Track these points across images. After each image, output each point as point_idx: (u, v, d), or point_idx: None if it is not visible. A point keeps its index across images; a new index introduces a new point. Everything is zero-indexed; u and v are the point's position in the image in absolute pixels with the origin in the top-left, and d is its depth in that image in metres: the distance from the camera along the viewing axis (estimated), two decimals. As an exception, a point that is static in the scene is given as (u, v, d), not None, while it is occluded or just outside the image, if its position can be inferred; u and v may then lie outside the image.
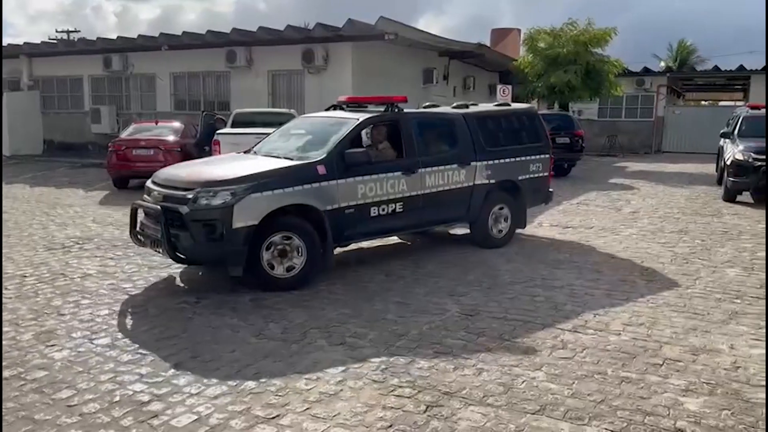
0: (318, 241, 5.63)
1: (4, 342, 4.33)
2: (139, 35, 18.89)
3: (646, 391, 3.64)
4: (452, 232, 8.14)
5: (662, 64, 32.28)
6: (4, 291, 5.51)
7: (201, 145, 12.42)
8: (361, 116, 6.43)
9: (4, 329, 4.56)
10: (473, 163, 6.95)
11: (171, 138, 12.84)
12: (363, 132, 6.57)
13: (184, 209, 5.28)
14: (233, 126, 12.28)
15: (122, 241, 7.65)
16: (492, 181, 7.12)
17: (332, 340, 4.38)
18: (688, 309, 5.12)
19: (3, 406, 3.43)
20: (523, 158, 7.47)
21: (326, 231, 5.71)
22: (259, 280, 5.48)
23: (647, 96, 25.33)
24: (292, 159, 6.00)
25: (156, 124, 13.84)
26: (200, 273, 6.15)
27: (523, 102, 12.98)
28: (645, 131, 25.43)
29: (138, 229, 5.86)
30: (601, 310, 5.05)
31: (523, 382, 3.74)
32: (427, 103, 8.06)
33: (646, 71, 25.75)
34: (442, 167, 6.66)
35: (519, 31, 26.87)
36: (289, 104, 16.56)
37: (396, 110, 6.65)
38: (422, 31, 17.72)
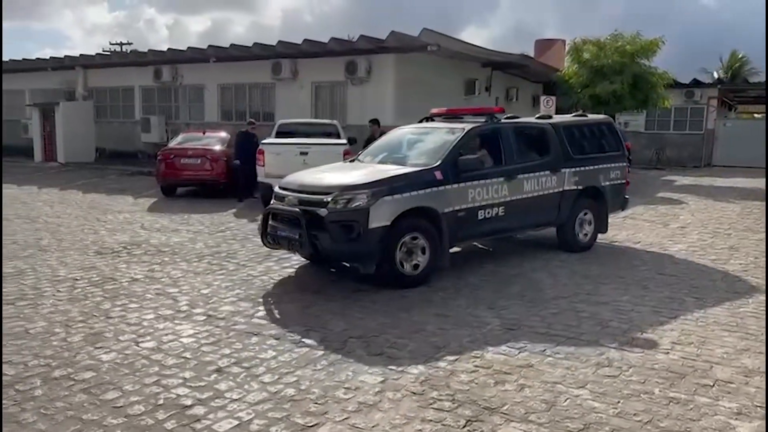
0: (438, 242, 6.07)
1: (55, 343, 4.48)
2: (189, 47, 19.41)
3: (695, 413, 3.50)
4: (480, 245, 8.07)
5: (715, 74, 31.32)
6: (57, 293, 5.72)
7: (236, 157, 12.41)
8: (468, 126, 6.91)
9: (56, 330, 4.73)
10: (563, 170, 7.43)
11: (217, 148, 13.14)
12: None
13: (323, 212, 5.74)
14: (277, 136, 12.47)
15: (169, 247, 7.85)
16: (579, 187, 7.60)
17: (371, 350, 4.38)
18: (740, 328, 4.92)
19: (53, 406, 3.54)
20: (604, 165, 7.92)
21: (443, 232, 6.12)
22: (390, 277, 5.90)
23: (697, 108, 24.59)
24: (405, 165, 6.46)
25: (203, 134, 14.18)
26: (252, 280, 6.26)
27: (566, 113, 12.80)
28: (694, 144, 24.68)
29: (269, 232, 6.23)
30: (649, 327, 4.91)
31: (566, 400, 3.65)
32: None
33: (696, 83, 25.00)
34: (536, 173, 7.14)
35: (563, 42, 26.53)
36: (332, 115, 16.73)
37: (495, 120, 7.13)
38: (465, 42, 17.68)
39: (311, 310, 5.30)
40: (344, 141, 11.86)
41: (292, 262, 7.05)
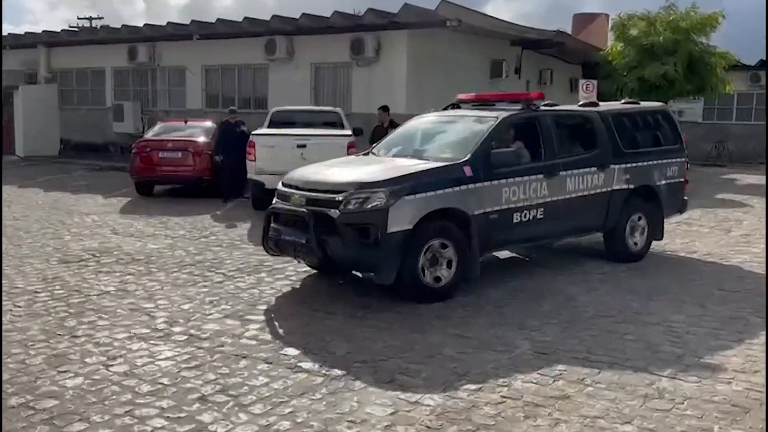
0: (467, 249, 6.13)
1: (12, 366, 4.51)
2: (168, 23, 19.58)
3: (763, 455, 3.47)
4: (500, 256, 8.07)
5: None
6: (14, 308, 5.76)
7: (217, 151, 12.49)
8: (501, 114, 6.91)
9: (14, 351, 4.76)
10: (612, 166, 7.42)
11: (201, 139, 13.21)
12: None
13: (334, 213, 5.78)
14: (271, 126, 12.52)
15: (144, 254, 7.89)
16: (630, 186, 7.59)
17: (379, 377, 4.38)
18: (816, 355, 4.87)
19: (10, 438, 3.57)
20: (660, 161, 7.92)
21: (473, 237, 6.17)
22: (411, 289, 5.93)
23: (764, 94, 24.44)
24: (428, 160, 6.51)
25: (185, 123, 14.27)
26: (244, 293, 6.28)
27: (609, 100, 12.78)
28: (760, 137, 24.48)
29: (271, 236, 6.30)
30: (707, 352, 4.88)
31: (608, 437, 3.63)
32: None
33: (763, 65, 24.85)
34: (581, 170, 7.15)
35: (607, 16, 26.46)
36: (335, 101, 16.77)
37: (533, 108, 7.12)
38: (490, 16, 17.73)
39: (310, 329, 5.31)
40: (348, 132, 11.89)
41: (287, 273, 7.07)
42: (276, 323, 5.50)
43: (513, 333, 5.27)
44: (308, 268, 7.07)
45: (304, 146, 10.93)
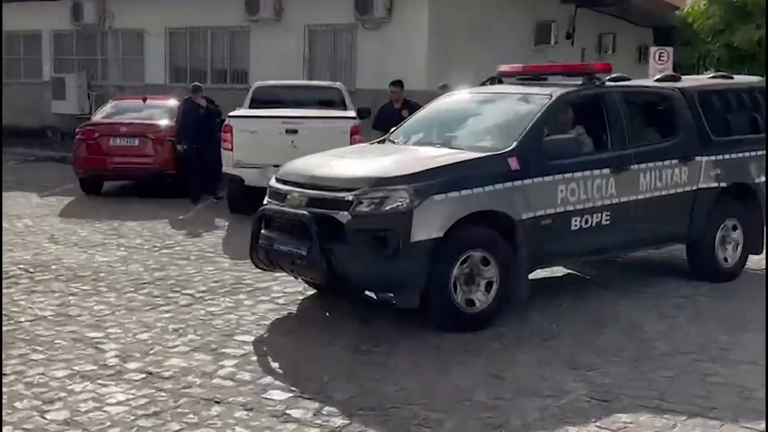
0: (512, 262, 6.16)
1: None
2: (123, -27, 19.69)
3: None
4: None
5: None
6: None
7: (179, 137, 12.51)
8: (556, 91, 6.93)
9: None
10: (698, 159, 7.41)
11: (165, 122, 13.26)
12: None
13: (343, 216, 5.79)
14: (252, 105, 12.56)
15: (91, 269, 7.93)
16: (721, 184, 7.57)
17: (391, 428, 4.36)
18: None
19: None
20: (760, 152, 7.87)
21: (520, 248, 6.18)
22: (442, 315, 5.95)
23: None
24: (462, 149, 6.57)
25: (144, 102, 14.34)
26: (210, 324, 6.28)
27: (689, 73, 12.73)
28: None
29: (261, 245, 6.34)
30: (816, 400, 4.82)
31: None
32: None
33: None
34: (658, 163, 7.15)
35: (685, -35, 26.38)
36: (335, 73, 16.82)
37: (597, 83, 7.13)
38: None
39: (302, 367, 5.30)
40: (352, 113, 11.92)
41: (272, 294, 7.08)
42: (258, 358, 5.48)
43: (564, 373, 5.24)
44: (301, 288, 7.07)
45: (294, 132, 10.95)
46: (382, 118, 11.66)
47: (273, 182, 6.67)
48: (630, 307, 6.85)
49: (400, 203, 5.76)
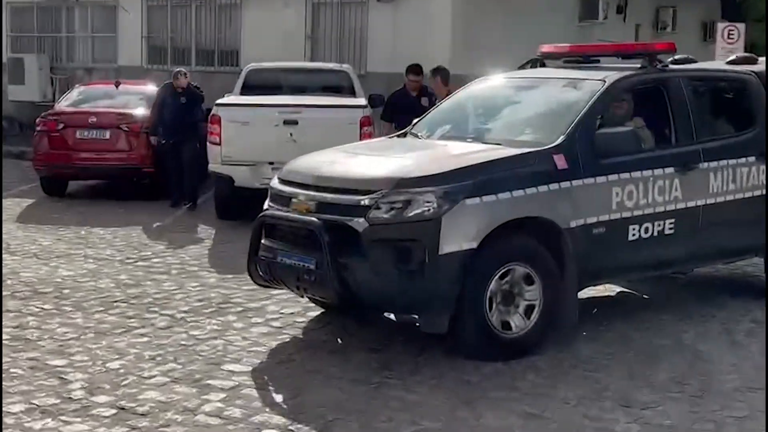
0: (559, 279, 6.18)
1: None
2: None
3: None
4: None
5: None
6: None
7: (155, 129, 12.54)
8: (610, 75, 6.93)
9: None
10: None
11: (141, 112, 13.30)
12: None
13: (359, 223, 5.80)
14: (245, 92, 12.57)
15: (53, 285, 7.96)
16: None
17: (408, 478, 4.35)
18: None
19: None
20: None
21: (568, 261, 6.19)
22: (476, 341, 5.94)
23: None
24: (497, 144, 6.62)
25: (117, 87, 14.39)
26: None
27: (762, 53, 12.65)
28: None
29: (262, 257, 6.35)
30: None
31: None
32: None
33: None
34: (732, 161, 7.16)
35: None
36: (342, 53, 16.84)
37: (659, 66, 7.17)
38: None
39: (301, 401, 5.29)
40: (362, 101, 11.91)
41: (266, 314, 7.09)
42: (250, 392, 5.46)
43: (614, 411, 5.21)
44: (300, 308, 7.08)
45: (294, 123, 10.98)
46: (394, 106, 11.58)
47: (275, 183, 6.69)
48: (693, 333, 6.82)
49: (425, 208, 5.77)
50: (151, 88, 13.98)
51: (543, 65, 8.00)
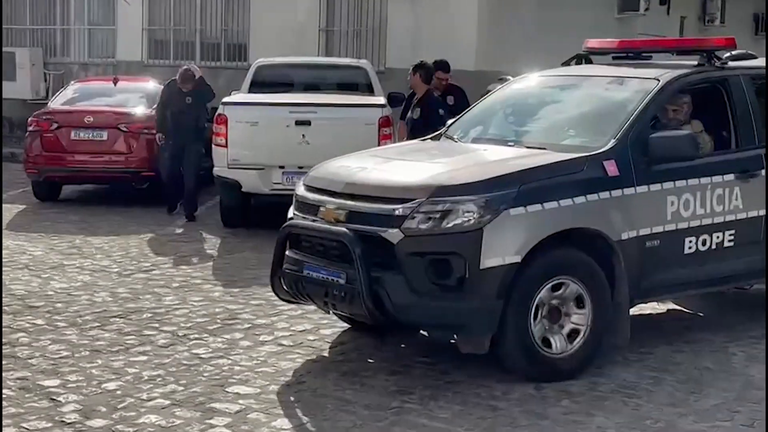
0: (609, 296, 6.19)
1: None
2: None
3: None
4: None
5: None
6: None
7: (162, 129, 12.46)
8: (663, 73, 6.96)
9: None
10: None
11: (141, 111, 13.34)
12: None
13: (393, 235, 5.81)
14: (253, 89, 12.58)
15: (45, 298, 7.98)
16: None
17: None
18: None
19: None
20: None
21: (619, 279, 6.21)
22: (515, 353, 5.96)
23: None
24: (540, 149, 6.69)
25: (115, 84, 14.47)
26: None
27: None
28: None
29: (287, 270, 6.42)
30: None
31: None
32: None
33: None
34: None
35: None
36: (359, 48, 16.85)
37: (718, 63, 7.20)
38: None
39: (314, 429, 5.28)
40: (380, 100, 11.90)
41: (275, 332, 7.09)
42: (257, 416, 5.45)
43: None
44: (311, 326, 7.09)
45: (306, 123, 10.98)
46: (413, 106, 11.50)
47: (301, 190, 6.72)
48: (743, 356, 6.76)
49: (465, 219, 5.79)
50: (152, 86, 14.00)
51: (589, 62, 8.01)
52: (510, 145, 6.94)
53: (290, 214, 6.67)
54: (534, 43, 14.93)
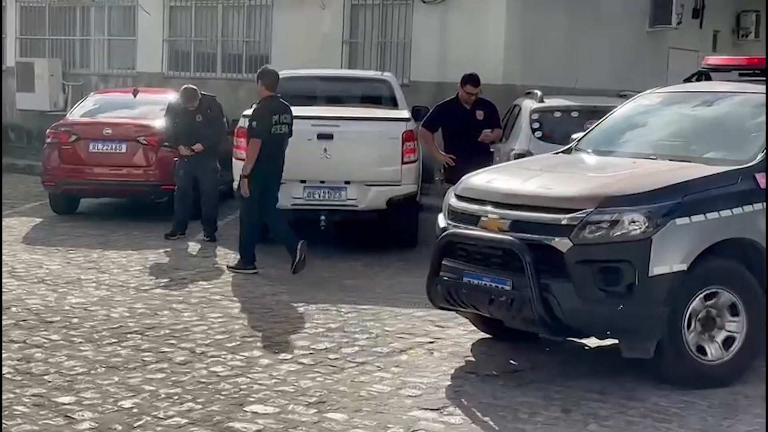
0: (763, 304, 6.40)
1: None
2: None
3: None
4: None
5: None
6: None
7: (173, 141, 12.23)
8: None
9: None
10: None
11: (160, 123, 13.24)
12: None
13: (562, 243, 6.09)
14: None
15: (61, 314, 7.98)
16: None
17: None
18: None
19: None
20: None
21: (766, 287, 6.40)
22: (675, 363, 6.23)
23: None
24: (690, 161, 6.96)
25: (134, 96, 14.48)
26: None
27: None
28: None
29: (444, 278, 6.67)
30: None
31: None
32: None
33: None
34: None
35: None
36: (383, 60, 16.84)
37: None
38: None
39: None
40: (405, 114, 11.86)
41: (295, 349, 7.07)
42: (277, 437, 5.45)
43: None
44: (334, 344, 7.06)
45: (329, 137, 10.94)
46: (442, 118, 11.45)
47: (454, 201, 6.99)
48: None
49: (633, 228, 6.05)
50: (172, 98, 13.92)
51: (708, 78, 8.18)
52: (652, 158, 7.15)
53: (442, 224, 6.88)
54: (563, 57, 14.86)
